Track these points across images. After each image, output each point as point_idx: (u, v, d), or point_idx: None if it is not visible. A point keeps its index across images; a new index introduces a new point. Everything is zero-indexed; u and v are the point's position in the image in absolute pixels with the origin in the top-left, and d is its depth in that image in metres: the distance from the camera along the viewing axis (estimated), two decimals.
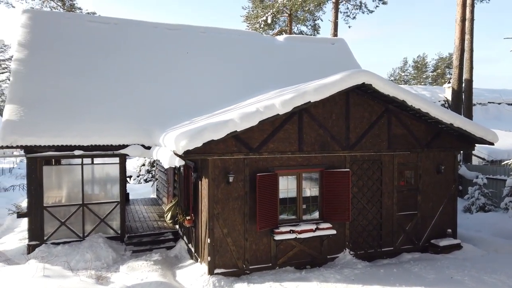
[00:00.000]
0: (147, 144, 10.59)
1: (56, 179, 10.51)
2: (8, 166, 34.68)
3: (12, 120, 9.76)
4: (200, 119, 9.95)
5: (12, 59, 32.58)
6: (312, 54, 16.53)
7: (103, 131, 10.34)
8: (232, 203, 8.36)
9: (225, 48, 15.28)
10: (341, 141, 9.26)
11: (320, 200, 9.28)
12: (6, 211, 14.65)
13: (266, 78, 14.34)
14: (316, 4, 27.22)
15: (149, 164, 24.35)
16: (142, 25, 14.68)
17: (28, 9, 13.78)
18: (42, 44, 12.37)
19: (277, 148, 8.65)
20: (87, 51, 12.79)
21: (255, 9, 31.15)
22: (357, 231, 9.59)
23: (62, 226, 10.34)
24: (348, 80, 8.63)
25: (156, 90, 12.43)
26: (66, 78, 11.63)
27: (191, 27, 15.56)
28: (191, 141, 7.42)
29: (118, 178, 11.04)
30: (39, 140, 9.64)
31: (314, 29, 32.17)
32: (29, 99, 10.50)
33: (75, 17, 14.22)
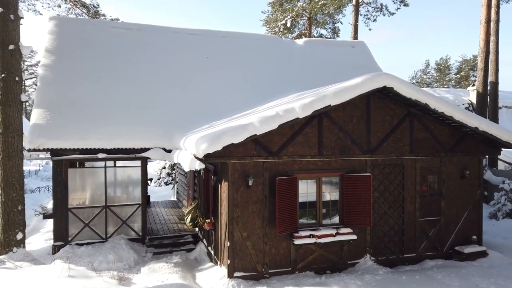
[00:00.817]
0: (168, 148, 10.75)
1: (80, 181, 10.78)
2: (34, 168, 35.80)
3: (39, 124, 10.09)
4: (219, 122, 10.04)
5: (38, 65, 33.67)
6: (332, 57, 16.44)
7: (126, 134, 10.55)
8: (252, 206, 8.37)
9: (244, 52, 15.39)
10: (361, 145, 9.16)
11: (340, 204, 9.18)
12: (33, 212, 15.12)
13: (286, 82, 14.34)
14: (336, 7, 27.08)
15: (169, 167, 24.66)
16: (164, 30, 14.94)
17: (55, 16, 14.23)
18: (68, 50, 12.76)
19: (296, 152, 8.63)
20: (111, 56, 13.11)
21: (274, 13, 31.23)
22: (378, 236, 9.44)
23: (86, 228, 10.58)
24: (369, 84, 8.54)
25: (177, 94, 12.62)
26: (91, 82, 11.95)
27: (211, 32, 15.74)
28: (211, 145, 7.48)
29: (140, 181, 11.23)
30: (64, 143, 9.93)
31: (333, 32, 32.00)
32: (56, 104, 10.83)
33: (99, 24, 14.61)
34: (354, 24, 24.36)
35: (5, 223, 9.74)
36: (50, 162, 11.00)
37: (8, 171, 9.73)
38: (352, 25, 24.55)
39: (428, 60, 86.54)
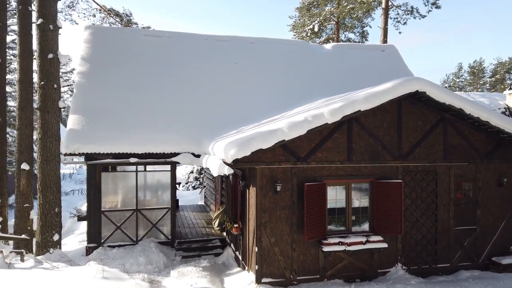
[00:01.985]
0: (197, 152, 10.91)
1: (112, 185, 11.10)
2: (68, 171, 37.21)
3: (75, 129, 10.49)
4: (247, 128, 10.09)
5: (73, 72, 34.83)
6: (361, 61, 16.22)
7: (157, 139, 10.80)
8: (280, 212, 8.35)
9: (272, 57, 15.43)
10: (392, 151, 8.96)
11: (370, 211, 9.00)
12: (68, 214, 15.70)
13: (314, 87, 14.27)
14: (364, 10, 26.73)
15: (197, 171, 24.99)
16: (193, 37, 15.23)
17: (90, 26, 14.80)
18: (102, 57, 13.23)
19: (325, 158, 8.55)
20: (143, 63, 13.49)
21: (301, 18, 31.17)
22: (410, 245, 9.17)
23: (118, 230, 10.87)
24: (400, 88, 8.36)
25: (206, 99, 12.80)
26: (123, 89, 12.33)
27: (239, 38, 15.90)
28: (240, 150, 7.53)
29: (169, 185, 11.45)
30: (98, 148, 10.27)
31: (362, 36, 31.56)
32: (91, 110, 11.23)
33: (131, 32, 15.07)
34: (384, 28, 23.95)
35: (43, 225, 10.16)
36: (84, 166, 11.42)
37: (46, 174, 10.16)
38: (381, 29, 24.15)
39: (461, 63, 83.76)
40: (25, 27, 11.54)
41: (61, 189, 11.41)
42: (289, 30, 32.40)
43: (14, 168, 19.15)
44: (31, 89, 11.62)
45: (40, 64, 10.25)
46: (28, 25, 11.65)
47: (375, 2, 26.27)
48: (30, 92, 11.55)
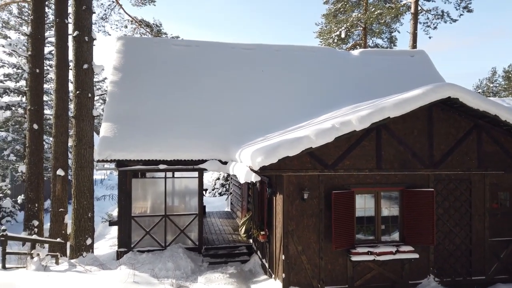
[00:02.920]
0: (224, 160, 11.02)
1: (142, 191, 11.37)
2: (99, 177, 38.35)
3: (107, 137, 10.85)
4: (274, 135, 10.11)
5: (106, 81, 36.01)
6: (389, 67, 15.96)
7: (185, 146, 11.00)
8: (307, 220, 8.28)
9: (298, 64, 15.44)
10: (423, 159, 8.73)
11: (400, 221, 8.78)
12: (99, 219, 16.18)
13: (341, 94, 14.14)
14: (393, 16, 26.31)
15: (223, 178, 25.18)
16: (221, 46, 15.48)
17: (122, 36, 15.33)
18: (133, 67, 13.66)
19: (353, 165, 8.43)
20: (172, 72, 13.83)
21: (328, 25, 31.01)
22: (442, 256, 8.86)
23: (147, 235, 11.11)
24: (431, 95, 8.16)
25: (233, 107, 12.95)
26: (153, 97, 12.67)
27: (266, 46, 16.02)
28: (267, 158, 7.55)
29: (197, 191, 11.61)
30: (129, 154, 10.57)
31: (390, 41, 31.03)
32: (122, 118, 11.59)
33: (161, 42, 15.49)
34: (413, 33, 23.48)
35: (77, 229, 10.52)
36: (114, 172, 11.76)
37: (80, 180, 10.54)
38: (410, 34, 23.69)
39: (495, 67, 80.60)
40: (61, 39, 12.13)
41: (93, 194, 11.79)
42: (316, 37, 32.29)
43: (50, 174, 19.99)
44: (66, 98, 12.15)
45: (76, 74, 10.70)
46: (65, 37, 12.24)
47: (404, 7, 25.82)
48: (66, 101, 12.07)
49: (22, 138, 23.46)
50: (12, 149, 23.40)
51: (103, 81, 39.24)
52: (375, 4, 27.67)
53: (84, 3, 10.76)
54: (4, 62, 24.33)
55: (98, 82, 39.70)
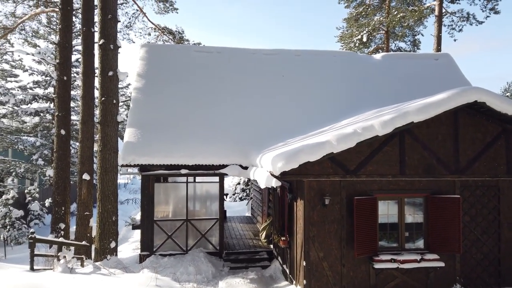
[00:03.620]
0: (245, 164, 11.06)
1: (164, 195, 11.54)
2: (123, 181, 39.14)
3: (131, 142, 11.08)
4: (295, 140, 10.08)
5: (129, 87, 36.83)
6: (413, 71, 15.67)
7: (206, 152, 11.11)
8: (328, 226, 8.20)
9: (319, 69, 15.37)
10: (449, 165, 8.50)
11: (425, 228, 8.57)
12: (123, 222, 16.49)
13: (363, 98, 13.98)
14: (416, 19, 25.83)
15: (244, 183, 25.24)
16: (242, 52, 15.59)
17: (146, 44, 15.68)
18: (156, 73, 13.94)
19: (376, 171, 8.30)
20: (194, 78, 14.02)
21: (349, 29, 30.74)
22: (469, 265, 8.58)
23: (169, 239, 11.24)
24: (456, 99, 7.96)
25: (253, 112, 13.00)
26: (176, 103, 12.87)
27: (287, 51, 16.03)
28: (288, 163, 7.53)
29: (218, 196, 11.68)
30: (152, 159, 10.76)
31: (414, 44, 30.44)
32: (145, 123, 11.83)
33: (183, 48, 15.75)
34: (437, 36, 22.98)
35: (101, 232, 10.77)
36: (138, 176, 11.99)
37: (105, 184, 10.80)
38: (434, 37, 23.19)
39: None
40: (88, 47, 12.51)
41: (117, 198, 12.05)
42: (337, 41, 32.05)
43: (76, 178, 20.57)
44: (92, 104, 12.51)
45: (101, 81, 11.01)
46: (91, 45, 12.62)
47: (428, 10, 25.33)
48: (92, 107, 12.43)
49: (50, 143, 24.25)
50: (40, 153, 24.22)
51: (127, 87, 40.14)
52: (398, 7, 27.24)
53: (110, 12, 11.09)
54: (33, 69, 25.30)
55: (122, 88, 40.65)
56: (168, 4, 21.15)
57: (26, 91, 25.47)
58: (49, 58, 22.29)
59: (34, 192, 19.56)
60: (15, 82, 26.51)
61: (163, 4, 21.12)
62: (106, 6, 11.01)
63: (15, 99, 23.47)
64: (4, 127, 25.16)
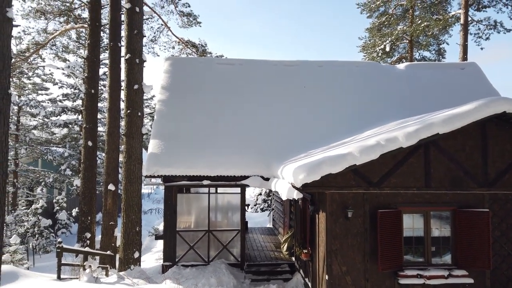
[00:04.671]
0: (266, 176, 11.06)
1: (186, 206, 11.65)
2: (146, 191, 39.75)
3: (154, 153, 11.30)
4: (316, 151, 10.02)
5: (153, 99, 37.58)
6: (438, 81, 15.35)
7: (228, 163, 11.19)
8: (351, 239, 8.06)
9: (341, 80, 15.29)
10: (477, 177, 8.23)
11: (452, 242, 8.29)
12: (146, 232, 16.72)
13: (386, 109, 13.78)
14: (441, 27, 25.38)
15: (265, 193, 25.18)
16: (263, 64, 15.72)
17: (169, 57, 16.05)
18: (180, 86, 14.22)
19: (400, 183, 8.13)
20: (217, 89, 14.22)
21: (372, 39, 30.49)
22: (500, 281, 8.21)
23: (191, 250, 11.31)
24: (484, 110, 7.74)
25: (275, 123, 13.03)
26: (198, 114, 13.06)
27: (308, 62, 16.05)
28: (309, 174, 7.49)
29: (239, 207, 11.70)
30: (175, 170, 10.92)
31: (439, 53, 29.86)
32: (169, 135, 12.04)
33: (206, 61, 16.03)
34: (463, 44, 22.48)
35: (125, 243, 10.95)
36: (161, 186, 12.17)
37: (130, 195, 11.02)
38: (460, 45, 22.69)
39: None
40: (115, 61, 12.93)
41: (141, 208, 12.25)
42: (359, 51, 31.84)
43: (101, 188, 21.08)
44: (118, 116, 12.86)
45: (127, 94, 11.32)
46: (118, 59, 13.04)
47: (453, 18, 24.86)
48: (118, 119, 12.78)
49: (77, 154, 25.01)
50: (68, 164, 25.00)
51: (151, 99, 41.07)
52: (422, 16, 26.84)
53: (136, 27, 11.45)
54: (63, 83, 26.31)
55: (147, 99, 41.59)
56: (192, 18, 21.64)
57: (55, 103, 26.50)
58: (78, 71, 23.14)
59: (62, 201, 20.15)
60: (46, 95, 27.65)
61: (187, 19, 21.62)
62: (133, 22, 11.38)
63: (45, 111, 24.41)
64: (34, 138, 26.16)
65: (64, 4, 19.76)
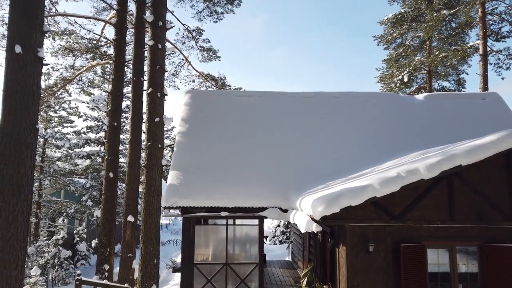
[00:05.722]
0: (284, 207, 10.93)
1: (204, 238, 11.56)
2: (165, 222, 39.75)
3: (173, 184, 11.39)
4: (335, 183, 9.90)
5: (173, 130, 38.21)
6: (458, 111, 15.15)
7: (246, 194, 11.15)
8: (373, 275, 7.77)
9: (359, 111, 15.27)
10: (503, 210, 7.92)
11: (480, 279, 7.88)
12: (164, 264, 16.60)
13: (405, 140, 13.61)
14: (459, 58, 25.34)
15: (284, 225, 24.77)
16: (281, 96, 15.93)
17: (190, 90, 16.49)
18: (199, 118, 14.49)
19: (423, 216, 7.89)
20: (236, 121, 14.41)
21: (389, 69, 30.63)
22: None
23: (208, 284, 11.11)
24: (508, 140, 7.57)
25: (293, 154, 13.01)
26: (217, 146, 13.21)
27: (325, 93, 16.17)
28: (328, 207, 7.38)
29: (257, 239, 11.52)
30: (193, 201, 10.94)
31: (458, 83, 29.64)
32: (188, 166, 12.17)
33: (225, 94, 16.38)
34: (483, 74, 22.30)
35: (143, 275, 10.88)
36: (179, 217, 12.19)
37: (148, 227, 11.06)
38: (480, 75, 22.51)
39: None
40: (137, 95, 13.38)
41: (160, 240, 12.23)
42: (377, 82, 31.93)
43: (120, 218, 21.25)
44: (139, 148, 13.15)
45: (148, 127, 11.62)
46: (140, 93, 13.50)
47: (471, 49, 24.82)
48: (139, 151, 13.05)
49: (99, 185, 25.46)
50: (89, 195, 25.42)
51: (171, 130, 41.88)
52: (439, 47, 26.92)
53: (158, 63, 11.90)
54: (87, 115, 27.26)
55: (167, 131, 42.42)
56: (212, 53, 22.36)
57: (79, 135, 27.36)
58: (101, 105, 23.99)
59: (82, 232, 20.34)
60: (71, 127, 28.64)
61: (207, 53, 22.35)
62: (155, 58, 11.84)
63: (70, 143, 25.18)
64: (58, 169, 26.86)
65: (91, 42, 20.82)
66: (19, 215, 6.33)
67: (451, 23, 26.65)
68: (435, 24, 24.45)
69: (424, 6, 25.08)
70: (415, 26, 27.89)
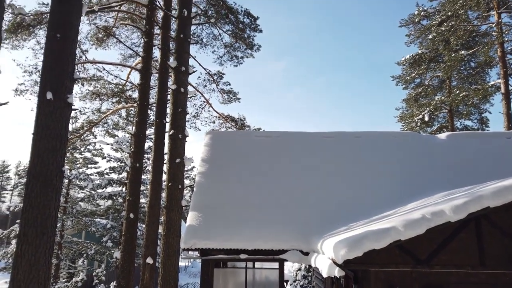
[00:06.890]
0: (305, 250, 10.64)
1: (223, 282, 11.28)
2: (183, 264, 39.12)
3: (193, 226, 11.34)
4: (358, 225, 9.64)
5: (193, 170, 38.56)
6: (482, 151, 14.78)
7: (265, 236, 10.95)
8: None
9: (380, 150, 15.11)
10: None
11: None
12: None
13: (429, 180, 13.26)
14: (481, 97, 25.08)
15: (305, 269, 23.96)
16: (300, 135, 16.00)
17: (210, 131, 16.81)
18: (219, 158, 14.64)
19: (451, 261, 7.51)
20: (254, 162, 14.47)
21: (409, 109, 30.52)
22: None
23: None
24: None
25: (314, 195, 12.84)
26: (237, 186, 13.20)
27: (345, 133, 16.14)
28: (351, 250, 7.14)
29: (278, 284, 11.15)
30: (212, 243, 10.80)
31: (481, 122, 29.13)
32: (207, 207, 12.15)
33: (244, 134, 16.61)
34: (506, 113, 21.91)
35: None
36: (198, 260, 11.99)
37: (167, 269, 10.93)
38: (504, 114, 22.13)
39: None
40: (159, 137, 13.73)
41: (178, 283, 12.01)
42: (397, 121, 31.79)
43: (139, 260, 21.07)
44: (160, 189, 13.28)
45: (169, 168, 11.81)
46: (162, 135, 13.85)
47: (493, 88, 24.60)
48: (159, 192, 13.18)
49: (119, 225, 25.58)
50: (110, 235, 25.49)
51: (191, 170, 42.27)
52: (460, 86, 26.81)
53: (180, 106, 12.30)
54: (111, 157, 27.98)
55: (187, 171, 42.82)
56: (232, 95, 22.97)
57: (102, 176, 27.94)
58: (125, 146, 24.65)
59: (101, 275, 20.21)
60: (95, 168, 29.38)
61: (227, 96, 22.97)
62: (178, 101, 12.26)
63: (93, 184, 25.69)
64: (80, 210, 27.27)
65: (117, 86, 21.80)
66: (41, 257, 6.39)
67: (470, 63, 26.70)
68: (453, 64, 24.52)
69: (441, 47, 25.33)
70: (434, 66, 28.04)
